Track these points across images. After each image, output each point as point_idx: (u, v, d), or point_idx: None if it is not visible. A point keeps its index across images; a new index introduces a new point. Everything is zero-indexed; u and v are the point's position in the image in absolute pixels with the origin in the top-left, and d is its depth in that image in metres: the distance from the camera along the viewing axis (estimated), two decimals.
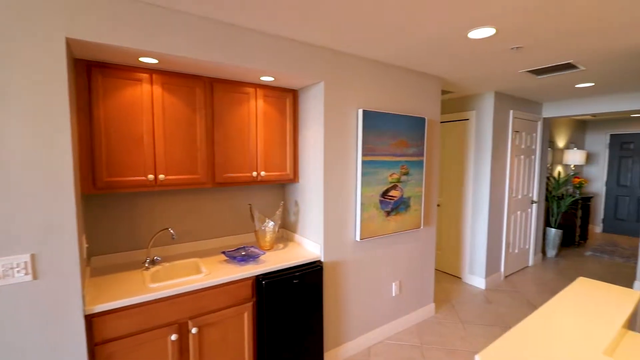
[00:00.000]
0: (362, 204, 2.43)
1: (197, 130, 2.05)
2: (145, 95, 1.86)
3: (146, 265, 2.00)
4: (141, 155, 1.87)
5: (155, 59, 1.72)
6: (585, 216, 5.81)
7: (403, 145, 2.64)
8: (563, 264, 4.80)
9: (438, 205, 4.39)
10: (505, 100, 3.87)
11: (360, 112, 2.37)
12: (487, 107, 3.73)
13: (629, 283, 4.09)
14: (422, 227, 2.95)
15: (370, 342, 2.70)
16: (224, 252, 2.17)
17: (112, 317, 1.57)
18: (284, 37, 2.02)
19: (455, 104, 4.09)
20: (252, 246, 2.35)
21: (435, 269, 4.49)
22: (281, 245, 2.52)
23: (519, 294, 3.75)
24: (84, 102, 1.71)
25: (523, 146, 4.25)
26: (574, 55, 2.37)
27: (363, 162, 2.40)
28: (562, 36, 2.00)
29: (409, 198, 2.74)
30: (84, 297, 1.50)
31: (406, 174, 2.69)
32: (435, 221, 3.15)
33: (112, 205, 2.07)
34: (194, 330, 1.79)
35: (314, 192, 2.38)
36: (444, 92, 3.75)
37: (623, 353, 1.16)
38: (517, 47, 2.18)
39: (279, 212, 2.42)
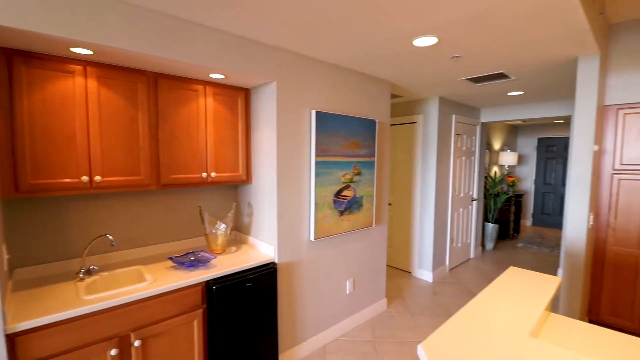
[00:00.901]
0: (316, 204, 2.45)
1: (140, 128, 1.92)
2: (78, 89, 1.70)
3: (80, 275, 1.83)
4: (73, 154, 1.71)
5: (89, 49, 1.58)
6: (518, 211, 6.44)
7: (355, 146, 2.71)
8: (500, 255, 5.27)
9: (390, 204, 4.58)
10: (449, 105, 4.15)
11: (314, 113, 2.39)
12: (433, 111, 3.98)
13: (554, 270, 4.61)
14: (374, 226, 3.06)
15: (326, 341, 2.73)
16: (171, 258, 2.05)
17: (40, 335, 1.41)
18: (233, 34, 1.97)
19: (404, 107, 4.30)
20: (202, 250, 2.26)
21: (388, 265, 4.68)
22: (234, 248, 2.45)
23: (462, 285, 4.04)
24: (3, 96, 1.51)
25: (464, 148, 4.60)
26: (505, 65, 2.62)
27: (316, 163, 2.42)
28: (494, 48, 2.20)
29: (361, 197, 2.83)
30: (4, 314, 1.33)
31: (358, 174, 2.77)
32: (387, 219, 3.28)
33: (39, 211, 1.85)
34: (136, 343, 1.67)
35: (267, 193, 2.35)
36: (393, 96, 3.93)
37: (547, 333, 1.30)
38: (456, 56, 2.36)
39: (231, 214, 2.35)
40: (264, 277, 2.19)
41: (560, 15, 1.69)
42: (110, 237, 1.89)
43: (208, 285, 1.95)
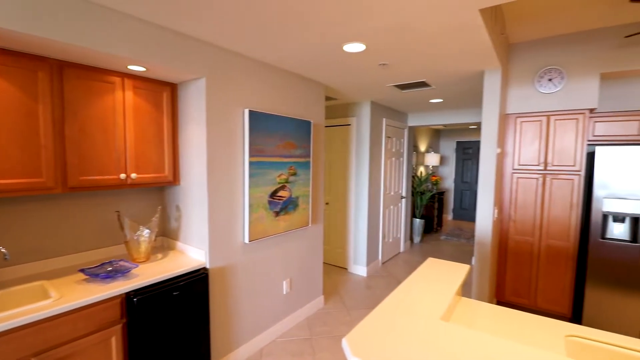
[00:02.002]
0: (250, 205, 2.40)
1: (41, 124, 1.67)
2: None
3: None
4: None
5: None
6: (440, 207, 7.11)
7: (290, 146, 2.72)
8: (426, 248, 5.76)
9: (327, 204, 4.69)
10: (380, 109, 4.41)
11: (247, 112, 2.34)
12: (365, 114, 4.18)
13: (470, 259, 5.18)
14: (310, 225, 3.10)
15: (263, 343, 2.69)
16: (82, 270, 1.83)
17: None
18: (155, 23, 1.83)
19: (339, 110, 4.45)
20: (121, 260, 2.05)
21: (325, 263, 4.79)
22: (160, 256, 2.27)
23: (393, 277, 4.32)
24: None
25: (394, 150, 4.92)
26: (426, 75, 2.87)
27: (250, 163, 2.37)
28: (416, 58, 2.39)
29: (297, 198, 2.85)
30: None
31: (294, 174, 2.78)
32: (323, 218, 3.35)
33: None
34: None
35: (197, 195, 2.23)
36: (328, 98, 4.04)
37: (458, 316, 1.46)
38: (383, 64, 2.51)
39: (155, 219, 2.18)
40: (194, 284, 2.07)
41: (467, 33, 1.91)
42: (3, 250, 1.61)
43: (128, 297, 1.78)
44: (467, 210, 8.08)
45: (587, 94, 2.79)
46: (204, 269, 2.20)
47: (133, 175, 2.03)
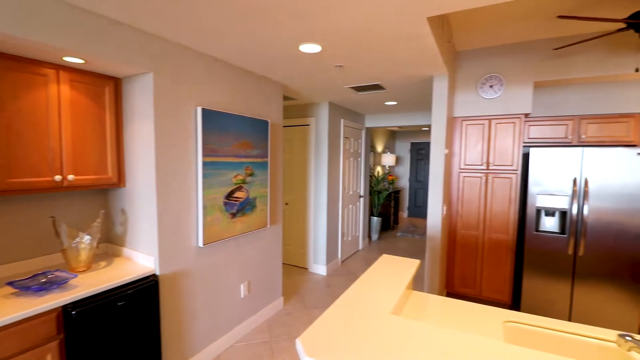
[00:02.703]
0: (204, 207, 2.31)
1: None
2: None
3: None
4: None
5: None
6: (397, 205, 7.40)
7: (247, 146, 2.67)
8: (383, 245, 5.96)
9: (286, 204, 4.67)
10: (338, 110, 4.48)
11: (199, 110, 2.25)
12: (324, 115, 4.22)
13: (423, 253, 5.45)
14: (268, 226, 3.07)
15: (221, 349, 2.61)
16: (10, 283, 1.64)
17: None
18: (96, 13, 1.69)
19: (298, 110, 4.44)
20: (58, 270, 1.87)
21: (285, 264, 4.76)
22: (103, 264, 2.11)
23: (352, 275, 4.42)
24: None
25: (352, 150, 5.03)
26: (380, 78, 2.97)
27: (204, 163, 2.29)
28: (370, 62, 2.46)
29: (254, 198, 2.80)
30: None
31: (251, 175, 2.73)
32: (281, 219, 3.33)
33: None
34: None
35: (145, 197, 2.10)
36: (287, 98, 4.02)
37: (409, 309, 1.53)
38: (339, 66, 2.56)
39: (97, 224, 2.01)
40: (142, 292, 1.95)
41: (417, 39, 2.00)
42: None
43: (66, 310, 1.63)
44: (420, 208, 8.49)
45: (523, 100, 3.07)
46: (154, 275, 2.08)
47: (70, 177, 1.85)
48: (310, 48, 2.15)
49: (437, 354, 0.99)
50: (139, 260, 2.15)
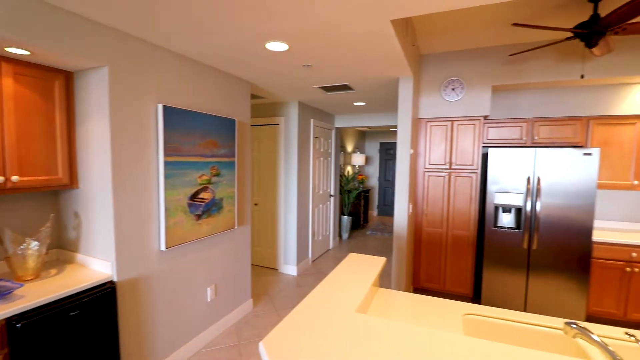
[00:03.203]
0: (167, 209, 2.21)
1: None
2: None
3: None
4: None
5: None
6: (366, 204, 7.53)
7: (213, 145, 2.59)
8: (353, 243, 6.04)
9: (256, 204, 4.59)
10: (307, 110, 4.47)
11: (161, 107, 2.15)
12: (293, 114, 4.20)
13: (391, 251, 5.59)
14: (236, 227, 3.00)
15: (186, 356, 2.51)
16: None
17: None
18: (43, 1, 1.57)
19: (267, 109, 4.39)
20: (2, 279, 1.71)
21: (254, 265, 4.69)
22: (54, 271, 1.96)
23: (323, 274, 4.43)
24: None
25: (322, 150, 5.05)
26: (348, 79, 3.00)
27: (166, 163, 2.19)
28: (338, 62, 2.48)
29: (221, 199, 2.72)
30: None
31: (217, 175, 2.66)
32: (250, 220, 3.27)
33: None
34: None
35: (100, 199, 1.98)
36: (255, 97, 3.95)
37: (375, 306, 1.55)
38: (307, 65, 2.55)
39: (46, 229, 1.86)
40: (98, 300, 1.83)
41: (382, 41, 2.04)
42: None
43: (10, 323, 1.50)
44: (390, 207, 8.70)
45: (482, 103, 3.23)
46: (111, 282, 1.96)
47: (14, 178, 1.70)
48: (277, 46, 2.12)
49: (398, 350, 1.01)
50: (95, 266, 2.02)
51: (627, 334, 1.16)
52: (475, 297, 3.59)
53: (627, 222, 3.35)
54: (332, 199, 5.55)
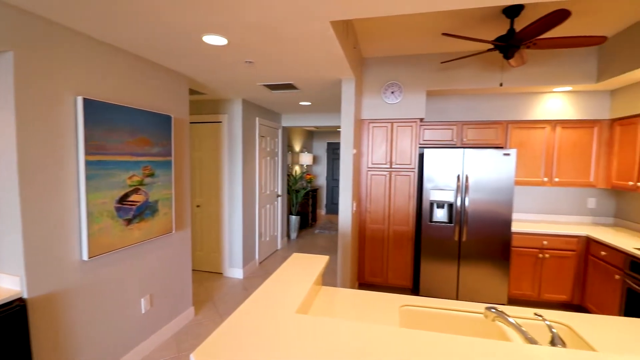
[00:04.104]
0: (89, 213, 1.99)
1: None
2: None
3: None
4: None
5: None
6: (314, 203, 7.59)
7: (145, 143, 2.39)
8: (302, 243, 6.05)
9: (198, 206, 4.36)
10: (252, 108, 4.36)
11: (81, 100, 1.92)
12: (237, 112, 4.07)
13: None
14: (174, 232, 2.81)
15: None
16: None
17: None
18: None
19: (209, 106, 4.19)
20: None
21: (197, 270, 4.45)
22: None
23: (270, 275, 4.36)
24: None
25: (268, 149, 4.97)
26: (292, 78, 2.98)
27: (88, 163, 1.97)
28: (280, 60, 2.45)
29: (156, 202, 2.53)
30: None
31: (151, 175, 2.46)
32: (190, 223, 3.09)
33: None
34: None
35: (4, 205, 1.70)
36: (195, 92, 3.75)
37: (318, 305, 1.56)
38: (249, 62, 2.48)
39: None
40: (3, 322, 1.58)
41: (322, 42, 2.06)
42: None
43: None
44: (337, 205, 8.88)
45: (418, 106, 3.44)
46: (20, 300, 1.70)
47: None
48: (215, 40, 2.02)
49: (335, 348, 1.02)
50: (1, 282, 1.74)
51: (536, 314, 1.31)
52: (415, 289, 3.82)
53: (539, 214, 3.83)
54: (279, 198, 5.49)
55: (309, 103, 4.30)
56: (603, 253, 2.93)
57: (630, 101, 3.08)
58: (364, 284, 3.82)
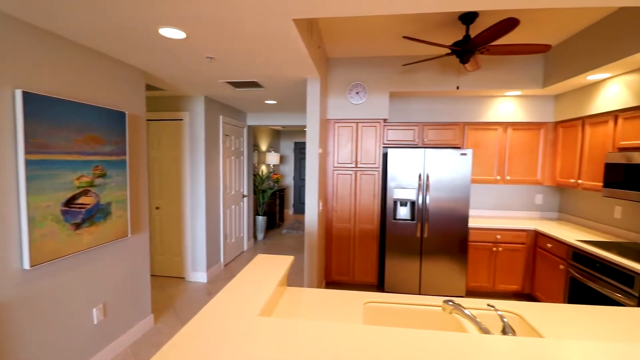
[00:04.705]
0: (31, 218, 1.81)
1: None
2: None
3: None
4: None
5: None
6: (282, 203, 7.53)
7: (96, 142, 2.23)
8: (269, 243, 5.96)
9: (157, 208, 4.15)
10: (215, 105, 4.23)
11: (20, 94, 1.74)
12: (199, 110, 3.92)
13: None
14: (130, 235, 2.65)
15: None
16: None
17: None
18: None
19: (169, 102, 4.00)
20: None
21: (158, 276, 4.24)
22: None
23: None
24: None
25: (233, 148, 4.84)
26: (257, 76, 2.92)
27: (29, 162, 1.79)
28: (243, 57, 2.39)
29: (109, 204, 2.36)
30: None
31: (103, 176, 2.29)
32: (148, 226, 2.93)
33: None
34: None
35: None
36: (154, 88, 3.56)
37: (283, 307, 1.53)
38: (211, 58, 2.39)
39: None
40: None
41: (285, 40, 2.04)
42: None
43: None
44: (305, 205, 8.87)
45: (381, 107, 3.52)
46: None
47: None
48: (172, 33, 1.93)
49: (298, 350, 1.01)
50: None
51: (489, 305, 1.38)
52: (380, 285, 3.91)
53: (493, 210, 4.08)
54: (245, 199, 5.37)
55: (275, 102, 4.25)
56: (549, 245, 3.17)
57: (572, 105, 3.36)
58: (331, 283, 3.85)
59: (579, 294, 2.72)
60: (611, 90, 2.83)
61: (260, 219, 6.16)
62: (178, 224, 4.11)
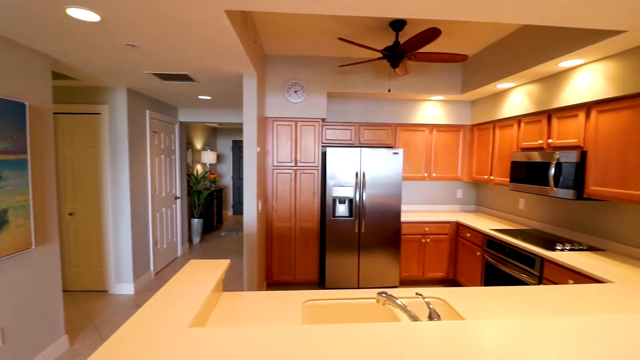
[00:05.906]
0: None
1: None
2: None
3: None
4: None
5: None
6: (220, 204, 7.21)
7: None
8: (206, 247, 5.66)
9: (70, 214, 3.64)
10: (141, 99, 3.86)
11: None
12: (121, 103, 3.54)
13: None
14: (34, 247, 2.28)
15: None
16: None
17: None
18: None
19: (83, 94, 3.53)
20: None
21: (75, 290, 3.73)
22: None
23: None
24: None
25: (163, 146, 4.48)
26: (188, 69, 2.73)
27: None
28: (167, 46, 2.21)
29: (5, 211, 2.00)
30: None
31: None
32: (58, 235, 2.55)
33: None
34: None
35: None
36: (62, 77, 3.11)
37: (218, 314, 1.45)
38: (132, 45, 2.17)
39: None
40: None
41: (217, 32, 1.93)
42: None
43: None
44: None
45: (320, 107, 3.57)
46: None
47: None
48: (83, 14, 1.69)
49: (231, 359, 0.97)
50: None
51: (417, 293, 1.48)
52: (322, 282, 3.97)
53: (422, 204, 4.42)
54: (178, 201, 5.01)
55: (209, 97, 4.03)
56: (468, 235, 3.54)
57: (485, 110, 3.79)
58: (272, 284, 3.79)
59: (493, 277, 3.08)
60: (515, 97, 3.25)
61: (196, 222, 5.82)
62: (97, 230, 3.66)
